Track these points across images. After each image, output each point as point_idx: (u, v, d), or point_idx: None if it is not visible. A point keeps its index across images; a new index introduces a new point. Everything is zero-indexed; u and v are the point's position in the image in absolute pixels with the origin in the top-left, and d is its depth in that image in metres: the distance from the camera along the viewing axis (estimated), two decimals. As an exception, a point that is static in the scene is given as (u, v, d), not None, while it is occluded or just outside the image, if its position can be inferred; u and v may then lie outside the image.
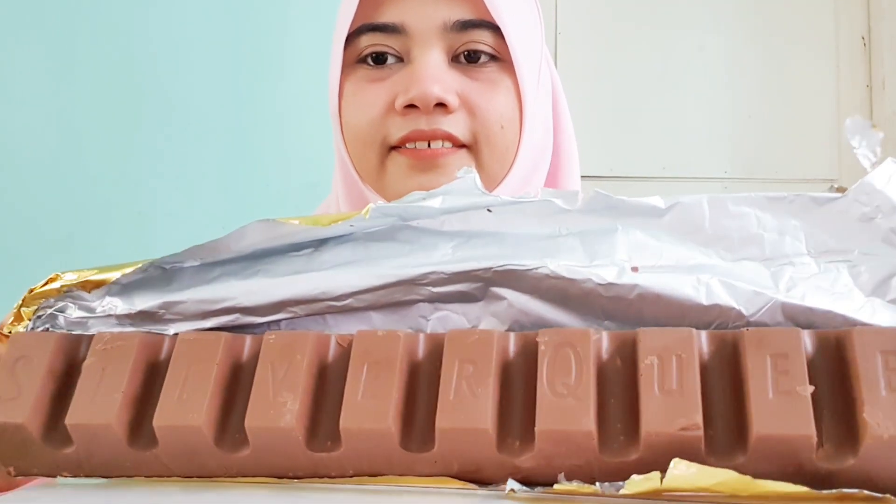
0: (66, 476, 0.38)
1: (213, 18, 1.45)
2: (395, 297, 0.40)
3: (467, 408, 0.34)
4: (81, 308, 0.41)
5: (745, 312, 0.37)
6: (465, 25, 0.55)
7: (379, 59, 0.56)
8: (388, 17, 0.55)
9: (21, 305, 0.42)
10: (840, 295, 0.37)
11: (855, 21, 1.77)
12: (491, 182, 0.57)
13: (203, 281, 0.41)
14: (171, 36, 1.43)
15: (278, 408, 0.35)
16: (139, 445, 0.36)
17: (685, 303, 0.38)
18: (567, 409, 0.33)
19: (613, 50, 1.77)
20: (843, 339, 0.33)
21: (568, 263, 0.39)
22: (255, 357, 0.37)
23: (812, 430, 0.31)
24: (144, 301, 0.41)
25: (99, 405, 0.36)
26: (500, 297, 0.40)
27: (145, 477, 0.38)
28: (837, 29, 1.77)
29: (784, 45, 1.78)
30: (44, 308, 0.42)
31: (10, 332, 0.41)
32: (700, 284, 0.38)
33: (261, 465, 0.36)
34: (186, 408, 0.35)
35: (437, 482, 0.35)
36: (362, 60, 0.57)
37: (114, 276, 0.41)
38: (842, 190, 0.38)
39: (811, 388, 0.32)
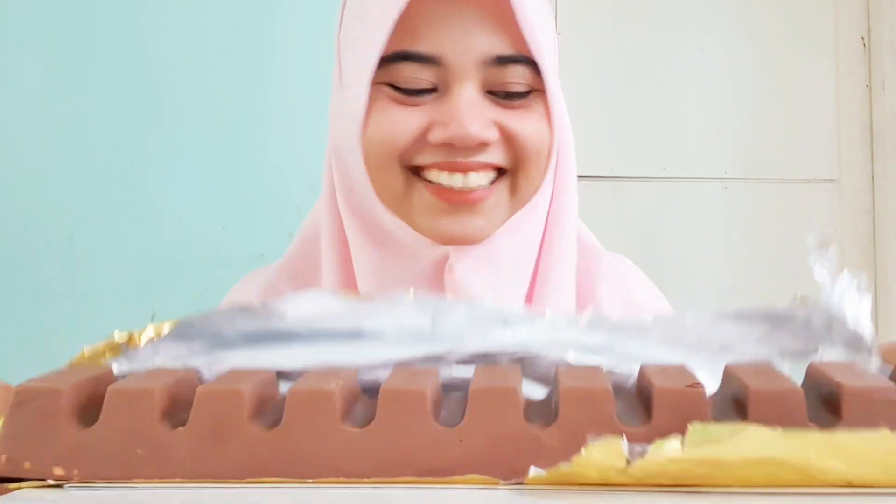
0: (59, 475, 0.37)
1: (215, 19, 1.49)
2: (421, 372, 0.45)
3: (498, 378, 0.38)
4: (128, 367, 0.45)
5: None
6: (503, 61, 0.54)
7: (409, 87, 0.55)
8: (424, 46, 0.54)
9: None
10: (809, 388, 0.43)
11: (855, 21, 1.78)
12: (519, 203, 0.56)
13: (248, 343, 0.45)
14: (172, 36, 1.47)
15: (324, 382, 0.38)
16: (171, 420, 0.37)
17: None
18: (587, 376, 0.37)
19: (613, 50, 1.76)
20: (808, 369, 0.39)
21: (575, 355, 0.45)
22: None
23: (800, 388, 0.35)
24: (192, 357, 0.45)
25: (144, 383, 0.38)
26: (513, 386, 0.45)
27: (153, 479, 0.37)
28: (837, 29, 1.78)
29: (784, 45, 1.78)
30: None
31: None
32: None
33: (289, 447, 0.37)
34: (232, 382, 0.38)
35: (458, 482, 0.36)
36: (389, 84, 0.55)
37: (164, 329, 0.45)
38: (804, 300, 0.46)
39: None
